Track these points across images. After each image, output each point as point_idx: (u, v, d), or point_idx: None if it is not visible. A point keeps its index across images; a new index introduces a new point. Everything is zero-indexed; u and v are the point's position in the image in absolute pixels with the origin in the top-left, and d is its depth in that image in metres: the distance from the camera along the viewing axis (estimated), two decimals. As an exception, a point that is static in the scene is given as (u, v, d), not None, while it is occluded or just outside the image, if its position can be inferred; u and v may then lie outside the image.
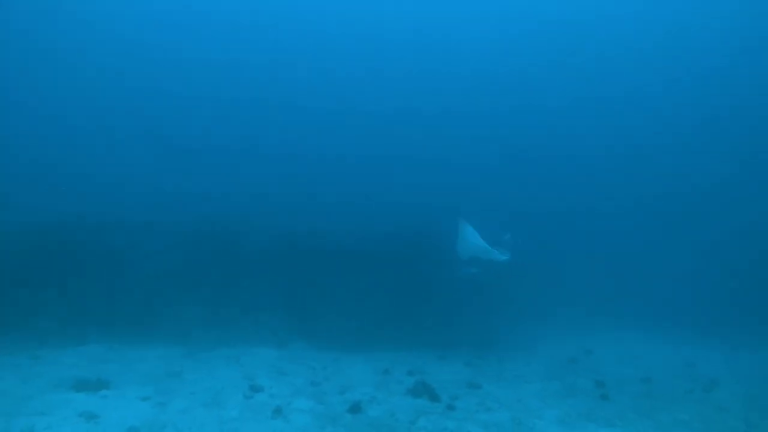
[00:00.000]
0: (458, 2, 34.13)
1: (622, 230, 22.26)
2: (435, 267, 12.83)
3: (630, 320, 16.56)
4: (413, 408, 7.51)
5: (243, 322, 11.64)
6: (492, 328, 13.13)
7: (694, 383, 10.23)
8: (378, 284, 12.47)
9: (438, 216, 13.76)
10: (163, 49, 31.83)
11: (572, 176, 28.43)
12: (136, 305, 10.98)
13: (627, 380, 10.29)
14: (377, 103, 34.88)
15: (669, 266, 19.51)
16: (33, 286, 10.52)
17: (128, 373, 8.29)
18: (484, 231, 9.43)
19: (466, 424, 6.88)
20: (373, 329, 11.89)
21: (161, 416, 6.53)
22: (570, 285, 17.18)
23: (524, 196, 23.82)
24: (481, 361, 11.28)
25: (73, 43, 29.94)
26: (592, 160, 29.78)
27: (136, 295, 11.12)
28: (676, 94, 32.36)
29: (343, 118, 34.49)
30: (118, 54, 30.46)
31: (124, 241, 11.76)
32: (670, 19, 31.53)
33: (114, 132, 26.10)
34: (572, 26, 33.05)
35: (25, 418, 6.08)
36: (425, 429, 6.66)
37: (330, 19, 35.10)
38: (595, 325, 16.12)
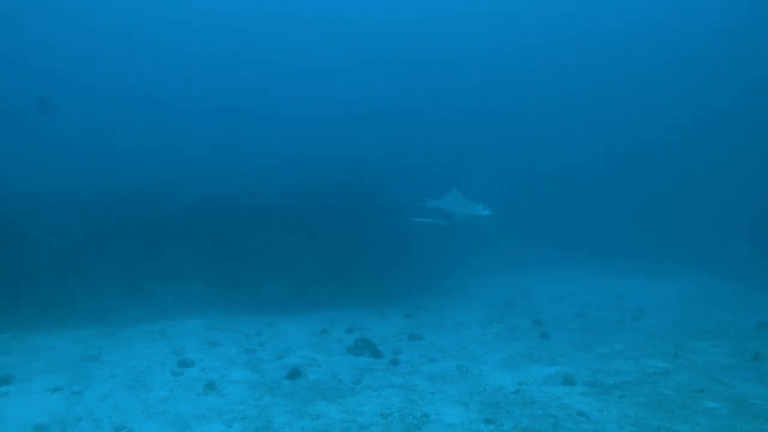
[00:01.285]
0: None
1: (560, 187, 23.33)
2: (370, 220, 12.45)
3: (561, 258, 17.19)
4: (356, 366, 7.20)
5: (167, 292, 10.79)
6: (428, 278, 13.05)
7: (624, 313, 10.66)
8: (309, 241, 11.93)
9: (375, 168, 13.30)
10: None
11: (517, 138, 29.11)
12: (40, 286, 9.83)
13: (563, 317, 10.54)
14: (297, 55, 33.32)
15: (595, 213, 20.69)
16: None
17: (35, 362, 7.40)
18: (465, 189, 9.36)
19: (412, 378, 6.64)
20: (307, 288, 11.41)
21: (76, 407, 5.80)
22: (506, 234, 17.57)
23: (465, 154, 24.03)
24: (421, 312, 11.17)
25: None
26: (534, 123, 30.49)
27: (39, 274, 9.94)
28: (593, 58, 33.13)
29: (266, 68, 32.76)
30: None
31: (19, 213, 10.43)
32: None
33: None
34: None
35: None
36: (370, 387, 6.35)
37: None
38: (529, 267, 16.56)
